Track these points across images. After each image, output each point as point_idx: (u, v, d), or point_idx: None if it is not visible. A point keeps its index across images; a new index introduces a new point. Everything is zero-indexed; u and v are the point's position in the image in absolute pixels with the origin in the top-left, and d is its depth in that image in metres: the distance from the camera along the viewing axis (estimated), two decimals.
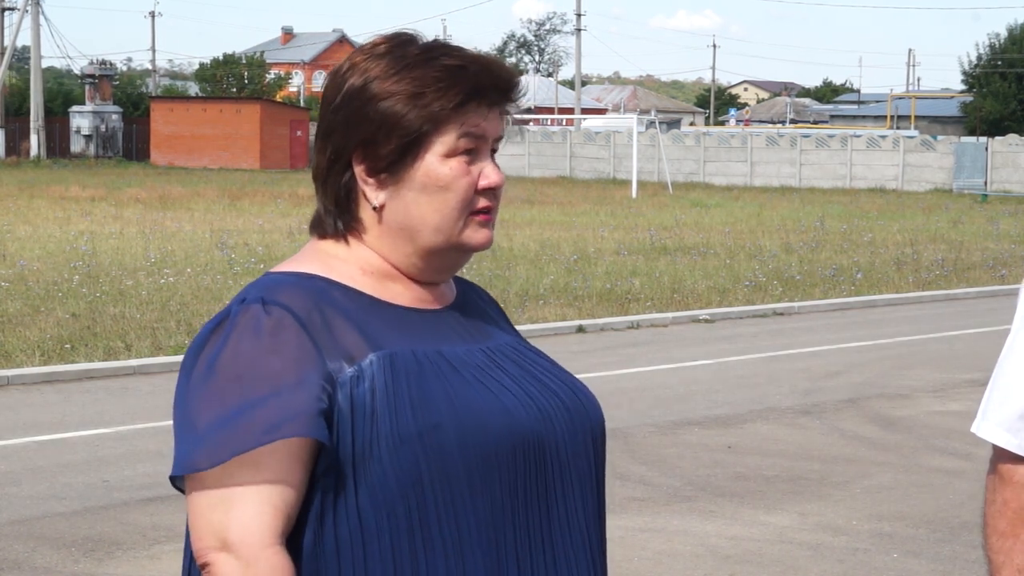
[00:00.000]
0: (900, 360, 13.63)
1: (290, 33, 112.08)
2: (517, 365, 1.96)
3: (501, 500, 1.86)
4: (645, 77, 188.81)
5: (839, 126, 71.61)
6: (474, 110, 1.92)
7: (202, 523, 1.82)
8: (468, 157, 1.92)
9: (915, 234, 27.86)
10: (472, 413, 1.85)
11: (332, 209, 1.97)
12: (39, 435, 9.75)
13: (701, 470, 8.94)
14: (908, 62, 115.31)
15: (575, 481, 1.94)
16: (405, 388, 1.84)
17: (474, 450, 1.83)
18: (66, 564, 6.88)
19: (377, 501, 1.82)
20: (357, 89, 1.91)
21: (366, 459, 1.82)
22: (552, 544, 1.92)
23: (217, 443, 1.79)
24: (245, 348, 1.82)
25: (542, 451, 1.90)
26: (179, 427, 1.86)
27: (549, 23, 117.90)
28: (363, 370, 1.84)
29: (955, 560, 7.11)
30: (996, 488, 2.29)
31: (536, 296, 17.02)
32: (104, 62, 66.17)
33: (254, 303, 1.85)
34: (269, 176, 51.60)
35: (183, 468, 1.83)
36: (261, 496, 1.79)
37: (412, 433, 1.82)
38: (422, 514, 1.82)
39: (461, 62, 1.92)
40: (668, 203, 38.38)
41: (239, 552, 1.78)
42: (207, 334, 1.86)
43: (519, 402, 1.90)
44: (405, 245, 1.94)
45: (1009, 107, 69.03)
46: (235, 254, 20.93)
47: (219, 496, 1.80)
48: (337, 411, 1.82)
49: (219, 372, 1.82)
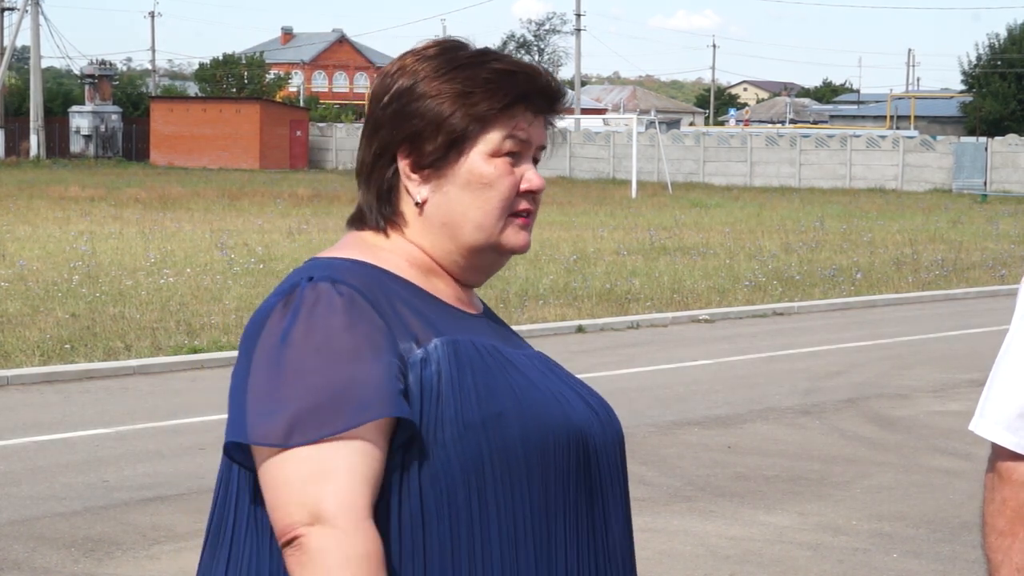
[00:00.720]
0: (900, 360, 13.63)
1: (290, 33, 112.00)
2: (554, 374, 1.99)
3: (554, 494, 1.89)
4: (645, 77, 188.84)
5: (839, 126, 71.60)
6: (520, 114, 1.95)
7: (290, 496, 1.77)
8: (512, 159, 1.96)
9: (915, 234, 27.86)
10: (533, 405, 1.88)
11: (374, 203, 1.98)
12: (39, 435, 9.75)
13: (701, 470, 8.94)
14: (908, 62, 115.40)
15: (609, 486, 1.98)
16: (470, 375, 1.86)
17: (534, 442, 1.86)
18: (66, 564, 6.88)
19: (439, 486, 1.83)
20: (406, 88, 1.95)
21: (431, 443, 1.83)
22: (595, 542, 1.95)
23: (307, 420, 1.77)
24: (320, 323, 1.81)
25: (588, 451, 1.94)
26: (250, 398, 1.81)
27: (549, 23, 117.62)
28: (429, 353, 1.85)
29: (955, 560, 7.11)
30: (995, 486, 2.29)
31: (536, 296, 17.02)
32: (104, 62, 66.19)
33: (323, 281, 1.85)
34: (269, 176, 51.59)
35: (265, 439, 1.78)
36: (355, 470, 1.78)
37: (476, 421, 1.84)
38: (481, 502, 1.84)
39: (511, 67, 1.96)
40: (668, 203, 38.38)
41: (336, 523, 1.75)
42: (270, 309, 1.85)
43: (569, 403, 1.94)
44: (447, 242, 1.96)
45: (1009, 107, 69.01)
46: (234, 254, 20.93)
47: (311, 469, 1.77)
48: (409, 391, 1.83)
49: (294, 346, 1.80)
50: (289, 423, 1.77)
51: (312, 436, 1.77)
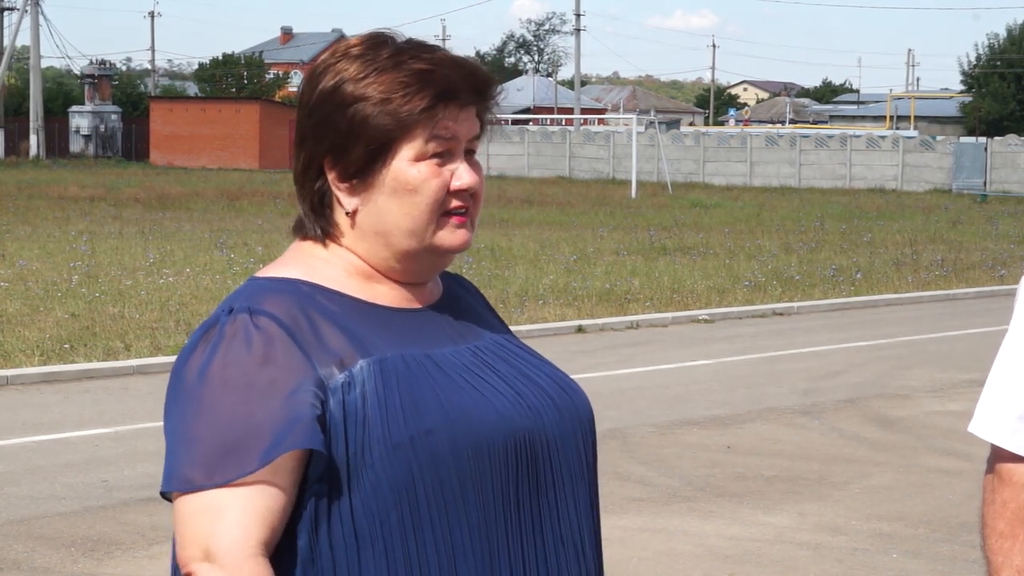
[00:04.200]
0: (899, 360, 13.63)
1: (289, 33, 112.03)
2: (505, 362, 1.96)
3: (493, 502, 1.87)
4: (644, 77, 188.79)
5: (838, 126, 71.60)
6: (443, 113, 1.90)
7: (187, 532, 1.81)
8: (439, 160, 1.91)
9: (914, 234, 27.86)
10: (463, 417, 1.84)
11: (310, 213, 1.96)
12: (38, 435, 9.74)
13: (700, 470, 8.94)
14: (907, 62, 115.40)
15: (565, 477, 1.95)
16: (396, 394, 1.83)
17: (466, 454, 1.83)
18: (65, 564, 6.88)
19: (370, 507, 1.81)
20: (328, 92, 1.91)
21: (359, 465, 1.81)
22: (543, 540, 1.92)
23: (216, 462, 1.78)
24: (235, 359, 1.81)
25: (533, 450, 1.90)
26: (171, 438, 1.83)
27: (548, 23, 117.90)
28: (354, 376, 1.83)
29: (954, 560, 7.10)
30: (995, 488, 2.29)
31: (535, 296, 17.02)
32: (103, 62, 66.23)
33: (241, 312, 1.84)
34: (268, 176, 51.58)
35: (178, 485, 1.81)
36: (247, 505, 1.78)
37: (404, 439, 1.81)
38: (415, 519, 1.82)
39: (430, 65, 1.90)
40: (667, 203, 38.38)
41: (222, 562, 1.77)
42: (195, 344, 1.86)
43: (509, 402, 1.90)
44: (382, 249, 1.93)
45: (1008, 107, 69.04)
46: (234, 254, 20.93)
47: (205, 505, 1.79)
48: (329, 417, 1.81)
49: (210, 383, 1.81)
50: (200, 467, 1.78)
51: (231, 476, 1.77)
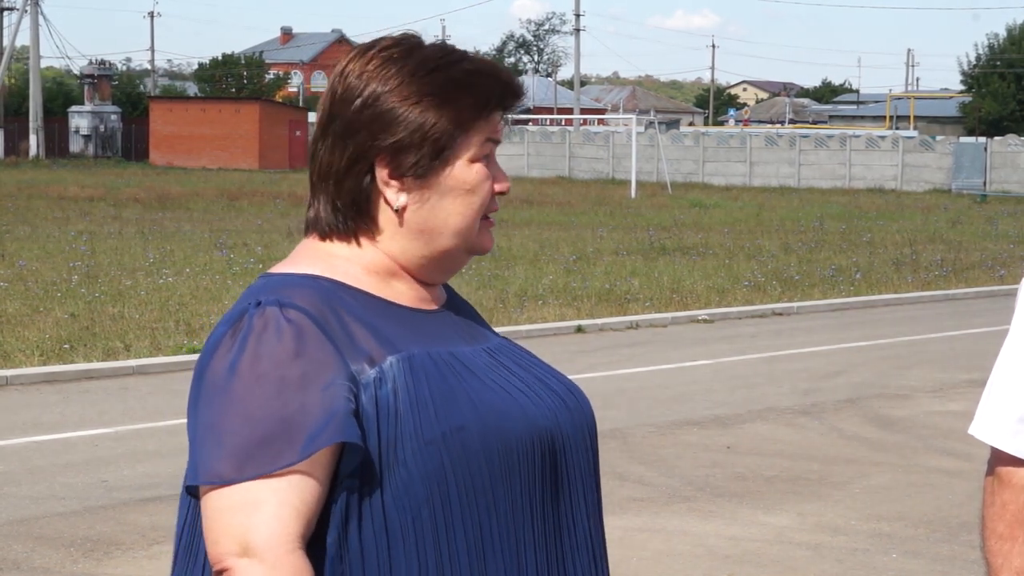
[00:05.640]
0: (899, 360, 13.63)
1: (289, 33, 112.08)
2: (518, 365, 1.98)
3: (520, 499, 1.88)
4: (644, 77, 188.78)
5: (838, 126, 71.60)
6: (497, 116, 1.95)
7: (220, 527, 1.77)
8: (487, 161, 1.95)
9: (914, 234, 27.86)
10: (493, 414, 1.86)
11: (344, 208, 1.93)
12: (38, 435, 9.74)
13: (700, 470, 8.94)
14: (907, 62, 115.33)
15: (578, 477, 1.97)
16: (427, 390, 1.84)
17: (497, 451, 1.85)
18: (65, 564, 6.88)
19: (402, 503, 1.82)
20: (383, 93, 1.90)
21: (391, 461, 1.82)
22: (560, 540, 1.94)
23: (249, 456, 1.76)
24: (267, 352, 1.79)
25: (554, 449, 1.92)
26: (200, 432, 1.80)
27: (548, 23, 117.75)
28: (384, 372, 1.83)
29: (954, 560, 7.11)
30: (995, 490, 2.29)
31: (535, 296, 17.01)
32: (103, 62, 66.20)
33: (270, 305, 1.82)
34: (268, 176, 51.57)
35: (206, 478, 1.78)
36: (283, 499, 1.76)
37: (436, 435, 1.82)
38: (447, 515, 1.83)
39: (479, 67, 1.94)
40: (667, 203, 38.38)
41: (263, 557, 1.75)
42: (220, 338, 1.83)
43: (531, 402, 1.92)
44: (421, 247, 1.94)
45: (1008, 107, 69.04)
46: (234, 254, 20.93)
47: (239, 499, 1.76)
48: (363, 413, 1.81)
49: (241, 376, 1.78)
50: (238, 458, 1.76)
51: (267, 468, 1.75)
